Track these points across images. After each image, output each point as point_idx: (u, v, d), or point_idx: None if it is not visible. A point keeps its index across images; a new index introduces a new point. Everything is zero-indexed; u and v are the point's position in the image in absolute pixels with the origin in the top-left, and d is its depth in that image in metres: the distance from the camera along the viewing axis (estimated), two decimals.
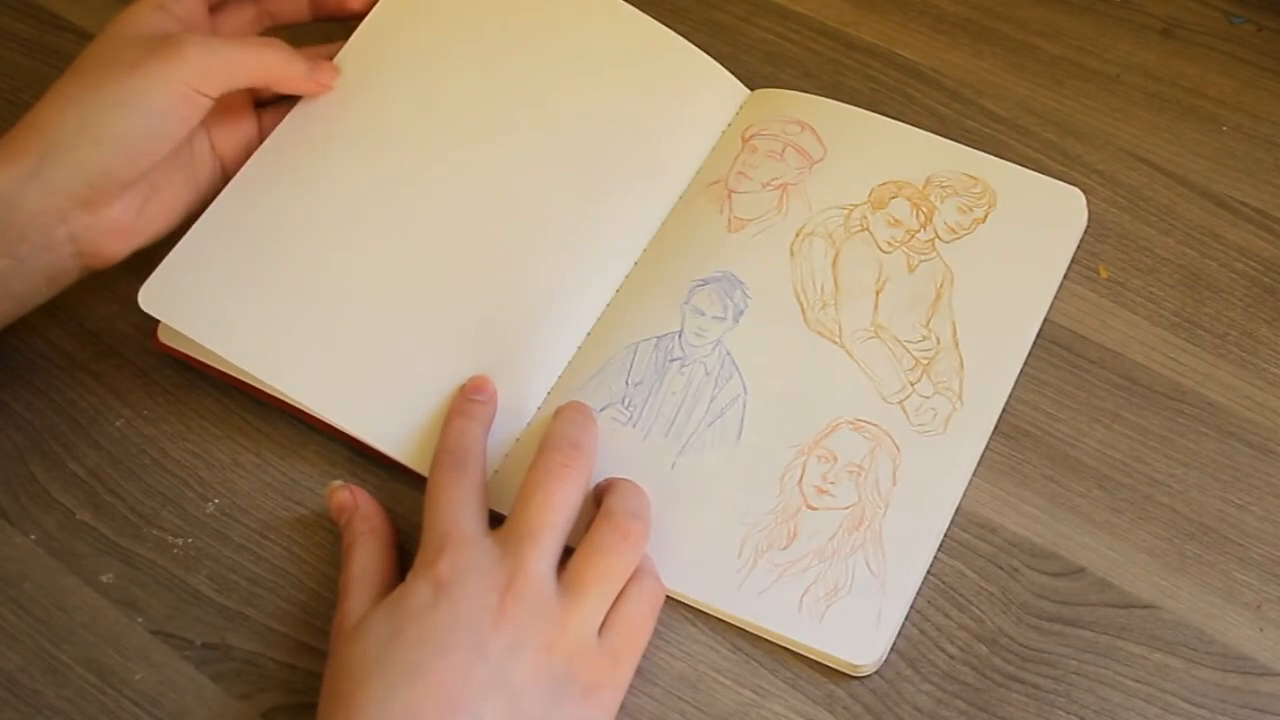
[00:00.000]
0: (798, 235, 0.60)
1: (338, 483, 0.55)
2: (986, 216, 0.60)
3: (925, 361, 0.57)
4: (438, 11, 0.64)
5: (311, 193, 0.59)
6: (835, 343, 0.58)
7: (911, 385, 0.56)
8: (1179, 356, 0.58)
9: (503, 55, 0.63)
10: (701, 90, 0.65)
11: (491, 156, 0.61)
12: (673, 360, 0.57)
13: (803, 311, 0.58)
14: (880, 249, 0.60)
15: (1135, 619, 0.52)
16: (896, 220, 0.61)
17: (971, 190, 0.61)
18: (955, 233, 0.60)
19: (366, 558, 0.52)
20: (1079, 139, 0.65)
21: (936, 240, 0.60)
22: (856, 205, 0.61)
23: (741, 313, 0.58)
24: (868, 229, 0.60)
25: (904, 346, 0.57)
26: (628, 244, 0.61)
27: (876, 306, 0.58)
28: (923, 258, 0.59)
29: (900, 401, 0.56)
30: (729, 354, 0.57)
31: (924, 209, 0.61)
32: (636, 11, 0.65)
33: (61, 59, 0.70)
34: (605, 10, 0.65)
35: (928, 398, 0.56)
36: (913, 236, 0.60)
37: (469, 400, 0.55)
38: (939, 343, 0.57)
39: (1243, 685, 0.50)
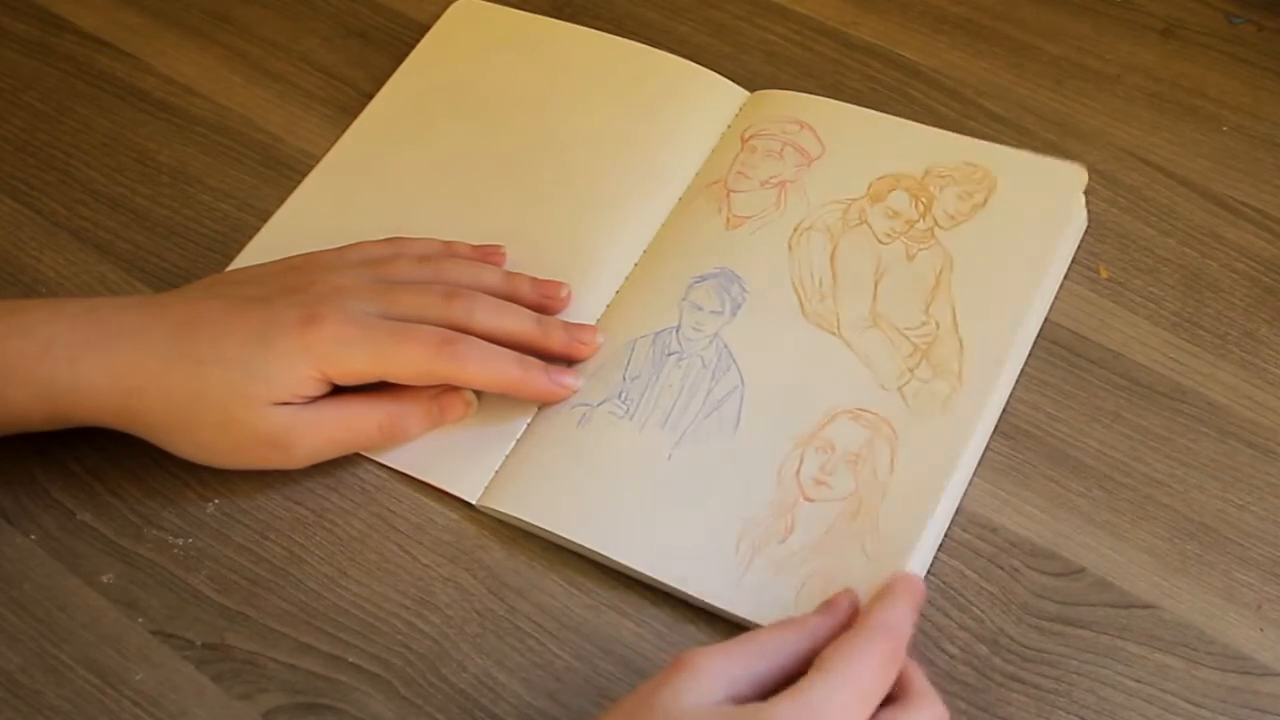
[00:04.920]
0: (796, 230, 0.61)
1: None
2: (986, 201, 0.60)
3: (925, 347, 0.57)
4: (450, 74, 0.68)
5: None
6: (833, 334, 0.57)
7: (910, 371, 0.56)
8: (1179, 356, 0.58)
9: (509, 107, 0.66)
10: (696, 98, 0.66)
11: (500, 194, 0.63)
12: (669, 354, 0.58)
13: (801, 304, 0.58)
14: (879, 240, 0.60)
15: (1135, 619, 0.52)
16: (895, 212, 0.61)
17: (971, 177, 0.61)
18: (954, 219, 0.60)
19: (795, 637, 0.47)
20: (1079, 139, 0.65)
21: (935, 228, 0.60)
22: (855, 199, 0.61)
23: (739, 307, 0.58)
24: (866, 222, 0.60)
25: (903, 334, 0.57)
26: (626, 246, 0.61)
27: (875, 297, 0.58)
28: (921, 246, 0.59)
29: (899, 388, 0.56)
30: (726, 347, 0.57)
31: (923, 199, 0.61)
32: (627, 41, 0.68)
33: (61, 59, 0.71)
34: (600, 48, 0.68)
35: (927, 381, 0.56)
36: (911, 226, 0.60)
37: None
38: (939, 327, 0.57)
39: (1243, 685, 0.50)
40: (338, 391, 0.54)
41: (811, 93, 0.66)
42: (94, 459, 0.57)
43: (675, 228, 0.62)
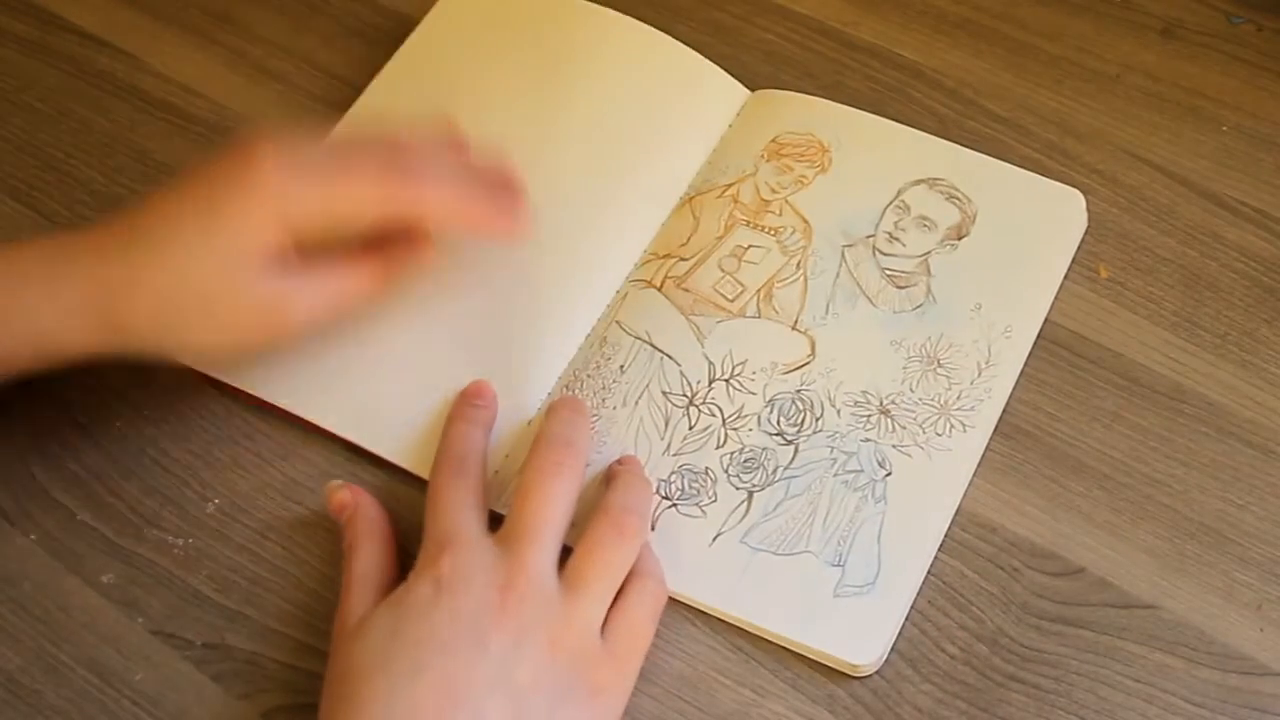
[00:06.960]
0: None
1: (337, 482, 0.55)
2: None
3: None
4: (442, 66, 0.67)
5: None
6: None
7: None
8: (1179, 356, 0.58)
9: (502, 98, 0.65)
10: (701, 94, 0.65)
11: None
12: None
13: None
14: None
15: (1135, 619, 0.52)
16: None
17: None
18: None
19: (369, 558, 0.52)
20: (1079, 139, 0.65)
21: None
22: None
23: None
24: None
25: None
26: (629, 245, 0.61)
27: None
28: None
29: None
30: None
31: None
32: (636, 22, 0.66)
33: (62, 59, 0.71)
34: (607, 25, 0.67)
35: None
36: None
37: (470, 405, 0.56)
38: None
39: (1243, 685, 0.50)
40: None
41: (811, 93, 0.66)
42: (94, 459, 0.57)
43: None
